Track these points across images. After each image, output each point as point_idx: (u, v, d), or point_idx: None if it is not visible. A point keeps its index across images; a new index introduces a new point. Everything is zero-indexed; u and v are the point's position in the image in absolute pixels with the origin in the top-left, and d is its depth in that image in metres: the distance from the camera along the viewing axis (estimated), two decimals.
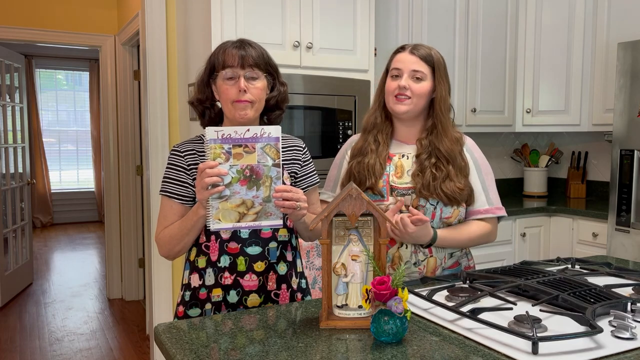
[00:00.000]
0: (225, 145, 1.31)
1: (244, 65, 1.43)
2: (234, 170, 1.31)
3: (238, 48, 1.45)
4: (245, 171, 1.32)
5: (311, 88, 2.72)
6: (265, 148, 1.32)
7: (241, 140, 1.31)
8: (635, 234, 2.80)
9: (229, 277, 1.46)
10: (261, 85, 1.46)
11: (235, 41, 1.49)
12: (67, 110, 8.67)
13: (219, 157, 1.30)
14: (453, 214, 1.64)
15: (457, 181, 1.62)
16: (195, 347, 1.08)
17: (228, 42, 1.49)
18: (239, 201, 1.32)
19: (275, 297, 1.51)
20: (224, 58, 1.44)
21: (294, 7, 2.69)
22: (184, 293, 1.54)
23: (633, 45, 2.82)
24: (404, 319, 1.08)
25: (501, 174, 4.05)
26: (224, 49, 1.46)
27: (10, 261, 4.71)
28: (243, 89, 1.42)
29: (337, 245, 1.23)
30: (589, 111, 3.46)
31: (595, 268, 1.58)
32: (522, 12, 3.60)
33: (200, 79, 1.51)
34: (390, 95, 1.66)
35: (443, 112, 1.66)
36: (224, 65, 1.43)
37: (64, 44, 4.53)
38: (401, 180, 1.66)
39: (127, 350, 3.62)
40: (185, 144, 1.52)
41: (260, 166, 1.32)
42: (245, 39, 1.51)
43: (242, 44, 1.46)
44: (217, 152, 1.30)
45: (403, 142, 1.73)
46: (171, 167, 1.50)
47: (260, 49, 1.49)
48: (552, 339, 1.02)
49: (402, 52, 1.69)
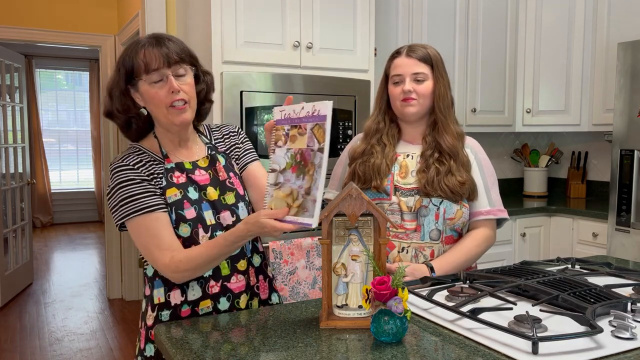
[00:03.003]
0: (286, 126, 1.17)
1: (170, 64, 1.29)
2: (289, 154, 1.16)
3: (156, 46, 1.30)
4: (296, 156, 1.15)
5: (311, 88, 2.72)
6: (314, 129, 1.13)
7: (297, 120, 1.15)
8: (635, 234, 2.80)
9: (216, 285, 1.37)
10: (191, 80, 1.34)
11: (149, 39, 1.33)
12: (67, 110, 8.67)
13: (280, 140, 1.16)
14: (456, 215, 1.63)
15: (459, 175, 1.62)
16: (195, 347, 1.08)
17: (140, 41, 1.32)
18: (288, 190, 1.15)
19: (257, 290, 1.46)
20: (145, 61, 1.29)
21: (294, 7, 2.69)
22: (157, 314, 1.36)
23: (633, 45, 2.82)
24: (404, 319, 1.08)
25: (501, 174, 4.05)
26: (141, 51, 1.30)
27: (10, 261, 4.71)
28: (177, 89, 1.29)
29: (337, 245, 1.23)
30: (589, 111, 3.46)
31: (595, 268, 1.58)
32: (522, 12, 3.59)
33: (115, 87, 1.33)
34: (397, 100, 1.67)
35: (442, 108, 1.67)
36: (147, 69, 1.28)
37: (64, 44, 4.53)
38: (405, 181, 1.66)
39: (127, 350, 3.62)
40: (127, 157, 1.35)
41: (308, 151, 1.14)
42: (157, 33, 1.36)
43: (159, 41, 1.32)
44: (279, 134, 1.17)
45: (409, 142, 1.73)
46: (128, 183, 1.30)
47: (178, 40, 1.36)
48: (552, 339, 1.02)
49: (399, 56, 1.69)
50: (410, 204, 1.63)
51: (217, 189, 1.40)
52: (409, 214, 1.63)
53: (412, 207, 1.63)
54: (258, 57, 2.63)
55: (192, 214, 1.34)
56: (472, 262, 1.68)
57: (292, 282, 1.74)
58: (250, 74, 2.58)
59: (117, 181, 1.31)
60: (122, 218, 1.30)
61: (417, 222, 1.63)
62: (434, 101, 1.68)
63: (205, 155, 1.45)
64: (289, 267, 1.76)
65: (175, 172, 1.37)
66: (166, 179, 1.35)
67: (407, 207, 1.63)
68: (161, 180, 1.35)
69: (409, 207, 1.63)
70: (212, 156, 1.45)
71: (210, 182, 1.40)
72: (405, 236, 1.63)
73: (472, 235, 1.68)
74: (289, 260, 1.76)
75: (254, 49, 2.61)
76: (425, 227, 1.63)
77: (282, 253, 1.76)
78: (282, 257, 1.76)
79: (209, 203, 1.37)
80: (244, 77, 2.56)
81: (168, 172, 1.36)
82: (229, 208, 1.40)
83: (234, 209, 1.41)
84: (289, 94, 2.68)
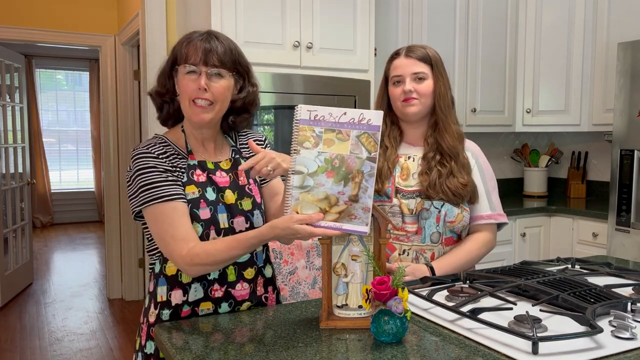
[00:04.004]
0: (317, 128, 1.14)
1: (207, 62, 1.29)
2: (322, 158, 1.14)
3: (204, 41, 1.30)
4: (334, 161, 1.13)
5: (311, 88, 2.72)
6: (361, 137, 1.13)
7: (336, 125, 1.14)
8: (635, 234, 2.80)
9: (220, 289, 1.35)
10: (226, 84, 1.32)
11: (202, 32, 1.34)
12: (67, 110, 8.67)
13: (308, 141, 1.14)
14: (457, 218, 1.63)
15: (460, 177, 1.62)
16: (195, 347, 1.08)
17: (195, 33, 1.34)
18: (322, 195, 1.13)
19: (265, 301, 1.44)
20: (187, 51, 1.30)
21: (294, 7, 2.69)
22: (159, 312, 1.34)
23: (633, 45, 2.82)
24: (404, 319, 1.08)
25: (501, 174, 4.05)
26: (188, 41, 1.32)
27: (10, 261, 4.71)
28: (203, 87, 1.28)
29: (337, 245, 1.23)
30: (589, 111, 3.46)
31: (595, 268, 1.58)
32: (522, 13, 3.59)
33: (162, 70, 1.39)
34: (397, 100, 1.67)
35: (443, 108, 1.66)
36: (186, 59, 1.30)
37: (64, 44, 4.53)
38: (406, 183, 1.66)
39: (127, 350, 3.62)
40: (152, 146, 1.33)
41: (352, 158, 1.13)
42: (214, 31, 1.36)
43: (209, 37, 1.32)
44: (307, 135, 1.14)
45: (411, 144, 1.73)
46: (150, 170, 1.28)
47: (230, 44, 1.35)
48: (552, 339, 1.02)
49: (398, 57, 1.69)
50: (412, 207, 1.63)
51: (235, 192, 1.39)
52: (410, 217, 1.63)
53: (414, 209, 1.63)
54: (258, 57, 2.63)
55: (206, 214, 1.32)
56: (472, 265, 1.68)
57: (292, 282, 1.75)
58: None
59: (138, 167, 1.29)
60: (140, 205, 1.28)
61: (418, 224, 1.63)
62: (434, 100, 1.68)
63: (228, 158, 1.43)
64: (289, 267, 1.76)
65: (196, 170, 1.36)
66: (187, 175, 1.34)
67: (409, 209, 1.63)
68: (183, 175, 1.33)
69: (410, 209, 1.63)
70: (235, 159, 1.44)
71: (229, 185, 1.39)
72: (406, 239, 1.63)
73: (474, 238, 1.68)
74: (289, 260, 1.76)
75: (254, 49, 2.61)
76: (426, 230, 1.63)
77: (282, 253, 1.76)
78: (282, 257, 1.76)
79: (225, 206, 1.36)
80: None
81: (190, 168, 1.35)
82: (245, 214, 1.39)
83: (249, 215, 1.40)
84: (289, 94, 2.68)
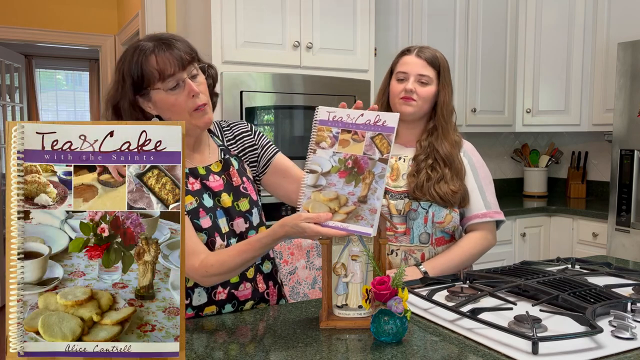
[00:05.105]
0: (334, 129, 1.16)
1: (184, 66, 1.22)
2: (336, 158, 1.14)
3: (167, 49, 1.21)
4: (347, 162, 1.14)
5: (311, 88, 2.72)
6: (375, 138, 1.14)
7: (352, 126, 1.15)
8: (635, 234, 2.80)
9: (223, 292, 1.34)
10: (203, 79, 1.28)
11: (155, 42, 1.23)
12: (67, 110, 8.66)
13: (324, 141, 1.15)
14: (446, 219, 1.63)
15: (452, 184, 1.62)
16: (195, 347, 1.08)
17: (145, 46, 1.22)
18: (332, 195, 1.13)
19: (267, 297, 1.43)
20: (159, 68, 1.20)
21: (294, 7, 2.69)
22: None
23: (633, 45, 2.82)
24: (404, 319, 1.08)
25: (501, 174, 4.05)
26: (151, 57, 1.20)
27: None
28: (197, 92, 1.23)
29: (337, 245, 1.23)
30: (589, 111, 3.46)
31: (595, 268, 1.58)
32: (522, 12, 3.59)
33: (123, 100, 1.24)
34: (396, 97, 1.67)
35: (445, 115, 1.67)
36: (163, 76, 1.20)
37: (64, 44, 4.53)
38: (395, 184, 1.66)
39: None
40: None
41: (365, 159, 1.13)
42: (160, 34, 1.27)
43: (167, 44, 1.22)
44: (324, 135, 1.15)
45: (402, 144, 1.73)
46: None
47: (181, 37, 1.28)
48: (552, 339, 1.02)
49: (409, 54, 1.69)
50: (400, 207, 1.63)
51: (230, 194, 1.37)
52: (398, 217, 1.64)
53: (402, 210, 1.63)
54: (258, 57, 2.63)
55: (207, 222, 1.31)
56: (467, 264, 1.67)
57: (292, 282, 1.75)
58: (250, 74, 2.58)
59: None
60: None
61: (406, 225, 1.63)
62: (433, 107, 1.68)
63: (218, 160, 1.39)
64: (289, 267, 1.76)
65: (189, 179, 1.32)
66: None
67: (397, 210, 1.63)
68: None
69: (398, 210, 1.63)
70: (225, 160, 1.40)
71: (224, 188, 1.36)
72: (394, 239, 1.63)
73: (468, 237, 1.68)
74: (289, 260, 1.76)
75: (254, 49, 2.61)
76: (414, 231, 1.63)
77: (282, 253, 1.76)
78: (282, 257, 1.76)
79: (223, 210, 1.34)
80: (244, 77, 2.56)
81: None
82: (243, 215, 1.38)
83: (247, 215, 1.39)
84: (289, 94, 2.68)
